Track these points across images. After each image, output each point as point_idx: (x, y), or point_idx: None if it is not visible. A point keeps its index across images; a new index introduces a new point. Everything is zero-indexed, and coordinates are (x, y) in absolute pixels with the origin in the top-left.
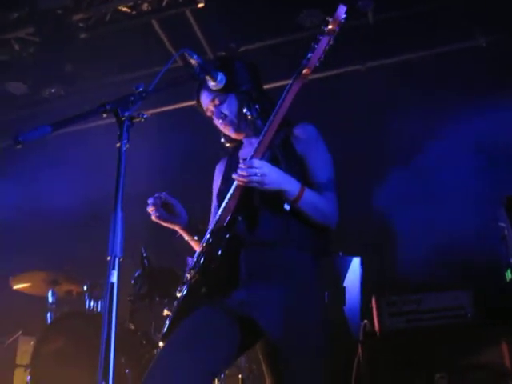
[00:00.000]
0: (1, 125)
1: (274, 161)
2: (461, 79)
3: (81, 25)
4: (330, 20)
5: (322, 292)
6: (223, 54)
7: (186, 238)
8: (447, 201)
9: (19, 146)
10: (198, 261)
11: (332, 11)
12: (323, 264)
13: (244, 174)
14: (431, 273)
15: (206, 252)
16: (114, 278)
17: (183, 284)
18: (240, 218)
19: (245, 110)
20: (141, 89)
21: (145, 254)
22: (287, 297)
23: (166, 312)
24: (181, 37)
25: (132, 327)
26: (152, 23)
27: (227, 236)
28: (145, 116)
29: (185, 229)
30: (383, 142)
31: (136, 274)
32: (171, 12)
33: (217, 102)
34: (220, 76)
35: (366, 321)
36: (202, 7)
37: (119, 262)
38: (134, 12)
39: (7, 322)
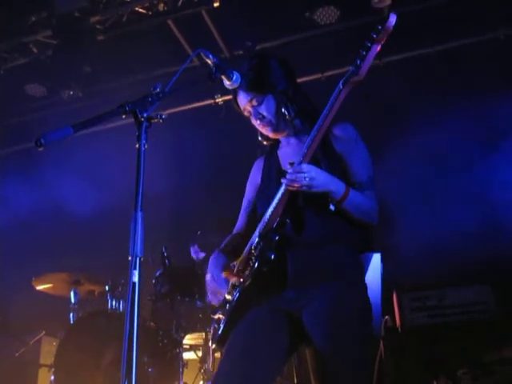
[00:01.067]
0: (20, 127)
1: (314, 161)
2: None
3: (98, 27)
4: (380, 28)
5: (365, 287)
6: (240, 52)
7: None
8: (467, 194)
9: (41, 148)
10: (250, 265)
11: (347, 8)
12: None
13: (294, 179)
14: (453, 268)
15: (259, 256)
16: (136, 278)
17: (234, 287)
18: (288, 221)
19: (283, 110)
20: (158, 89)
21: (165, 254)
22: (335, 295)
23: (218, 316)
24: (197, 36)
25: (154, 326)
26: (168, 23)
27: (276, 238)
28: (163, 116)
29: None
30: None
31: (157, 274)
32: (187, 12)
33: (254, 102)
34: (236, 75)
35: (387, 317)
36: (218, 6)
37: (140, 262)
38: (150, 13)
39: (30, 322)
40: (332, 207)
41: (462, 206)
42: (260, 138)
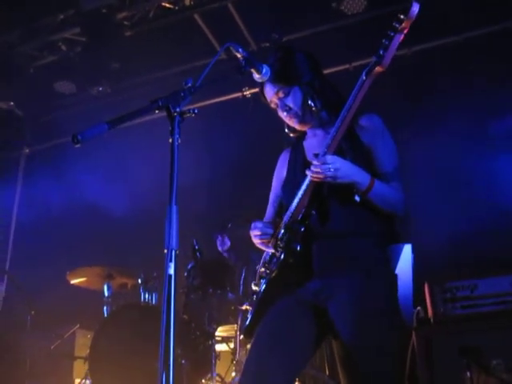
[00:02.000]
0: (50, 124)
1: (339, 152)
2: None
3: (125, 23)
4: (403, 17)
5: (393, 280)
6: (267, 44)
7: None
8: (497, 182)
9: (78, 145)
10: (276, 256)
11: None
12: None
13: (318, 170)
14: (485, 257)
15: (285, 247)
16: (172, 270)
17: (260, 278)
18: (314, 212)
19: (309, 102)
20: (189, 84)
21: (197, 247)
22: (359, 285)
23: (245, 307)
24: (223, 29)
25: (186, 319)
26: (195, 17)
27: (302, 230)
28: (195, 111)
29: None
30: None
31: (189, 267)
32: (213, 6)
33: (281, 94)
34: (265, 68)
35: (419, 308)
36: None
37: (176, 255)
38: (176, 7)
39: (65, 315)
40: (357, 198)
41: (493, 194)
42: (286, 130)
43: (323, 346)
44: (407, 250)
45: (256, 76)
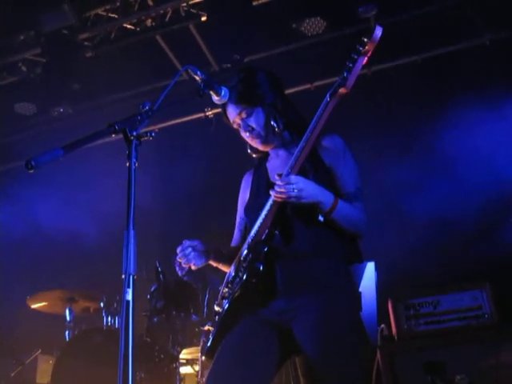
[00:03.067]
0: (11, 146)
1: (302, 172)
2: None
3: (86, 44)
4: (366, 40)
5: (357, 298)
6: (229, 65)
7: (216, 265)
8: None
9: (32, 171)
10: (239, 276)
11: (333, 18)
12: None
13: (282, 190)
14: (447, 274)
15: (247, 267)
16: (130, 296)
17: (223, 299)
18: (277, 232)
19: (272, 123)
20: (147, 107)
21: (159, 269)
22: (323, 304)
23: (207, 327)
24: (185, 50)
25: (149, 342)
26: (156, 39)
27: (265, 250)
28: (153, 134)
29: (215, 259)
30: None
31: (152, 289)
32: (175, 27)
33: (244, 115)
34: (224, 91)
35: (383, 325)
36: (205, 20)
37: (134, 280)
38: (138, 29)
39: (26, 341)
40: (321, 218)
41: (453, 210)
42: (249, 151)
43: (289, 365)
44: (370, 268)
45: (215, 98)
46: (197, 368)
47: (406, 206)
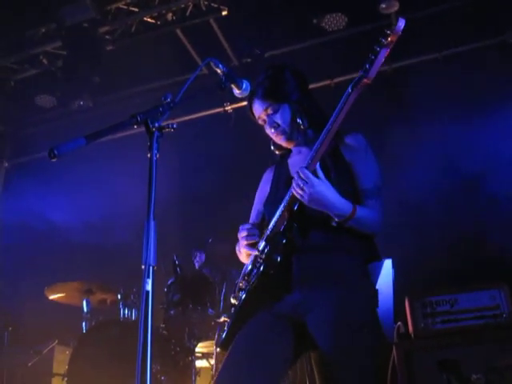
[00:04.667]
0: (31, 137)
1: (324, 169)
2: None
3: (107, 37)
4: (389, 32)
5: (373, 294)
6: (249, 60)
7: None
8: (478, 196)
9: (55, 159)
10: (257, 267)
11: (354, 14)
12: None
13: (298, 184)
14: (465, 272)
15: (266, 259)
16: (149, 287)
17: (240, 290)
18: (296, 225)
19: (298, 120)
20: (169, 99)
21: (177, 262)
22: (340, 299)
23: (223, 319)
24: (205, 45)
25: (166, 335)
26: (177, 32)
27: (283, 241)
28: (174, 126)
29: None
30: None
31: (169, 282)
32: (195, 21)
33: (270, 111)
34: (245, 84)
35: (399, 323)
36: (226, 15)
37: (153, 271)
38: (158, 22)
39: (43, 332)
40: (334, 223)
41: (472, 210)
42: (272, 147)
43: (304, 361)
44: (388, 265)
45: (236, 91)
46: (212, 362)
47: (424, 204)
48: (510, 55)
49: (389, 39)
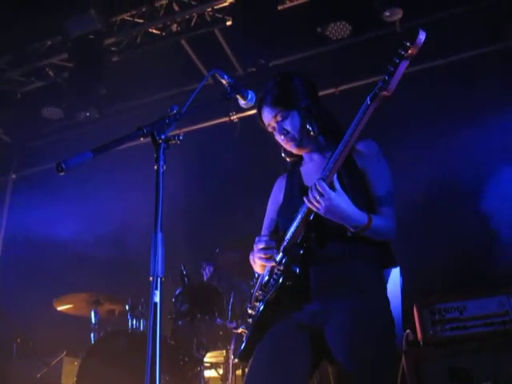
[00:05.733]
0: (37, 149)
1: (337, 176)
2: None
3: (112, 48)
4: (409, 45)
5: (388, 303)
6: (254, 69)
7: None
8: (486, 206)
9: (62, 173)
10: (275, 278)
11: (358, 22)
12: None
13: (314, 198)
14: (473, 279)
15: (284, 270)
16: (157, 298)
17: (257, 301)
18: (313, 236)
19: (308, 127)
20: (175, 110)
21: (184, 272)
22: (358, 309)
23: (241, 330)
24: (210, 55)
25: (174, 345)
26: (181, 43)
27: (301, 252)
28: (180, 138)
29: None
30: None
31: (177, 292)
32: (200, 31)
33: (279, 118)
34: (250, 94)
35: (408, 330)
36: (230, 25)
37: (161, 282)
38: (163, 33)
39: (52, 343)
40: (350, 234)
41: (479, 217)
42: (283, 155)
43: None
44: (395, 273)
45: (241, 102)
46: (221, 372)
47: (432, 211)
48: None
49: (409, 52)
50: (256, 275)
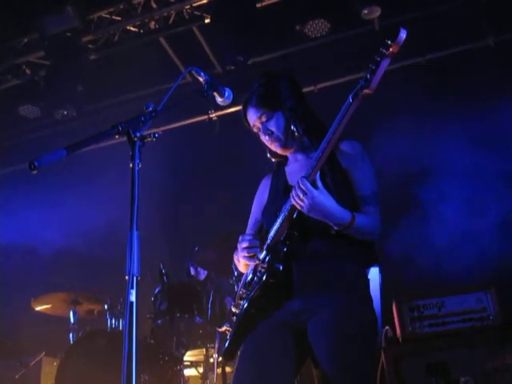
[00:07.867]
0: (15, 148)
1: (321, 175)
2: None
3: (90, 46)
4: (390, 43)
5: (372, 300)
6: (232, 67)
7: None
8: (464, 199)
9: (35, 171)
10: (258, 276)
11: (337, 20)
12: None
13: (299, 195)
14: (451, 276)
15: (268, 268)
16: (133, 297)
17: (241, 299)
18: (296, 234)
19: (292, 127)
20: (150, 108)
21: (163, 270)
22: (341, 307)
23: (224, 328)
24: (189, 52)
25: (154, 344)
26: (160, 41)
27: (284, 250)
28: (156, 135)
29: None
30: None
31: (156, 291)
32: (178, 29)
33: (264, 118)
34: (227, 92)
35: (387, 327)
36: (209, 23)
37: (137, 281)
38: (141, 31)
39: (30, 343)
40: (333, 231)
41: (456, 214)
42: (268, 155)
43: None
44: (375, 272)
45: (219, 99)
46: (201, 370)
47: (412, 208)
48: (494, 59)
49: (390, 50)
50: (236, 273)
